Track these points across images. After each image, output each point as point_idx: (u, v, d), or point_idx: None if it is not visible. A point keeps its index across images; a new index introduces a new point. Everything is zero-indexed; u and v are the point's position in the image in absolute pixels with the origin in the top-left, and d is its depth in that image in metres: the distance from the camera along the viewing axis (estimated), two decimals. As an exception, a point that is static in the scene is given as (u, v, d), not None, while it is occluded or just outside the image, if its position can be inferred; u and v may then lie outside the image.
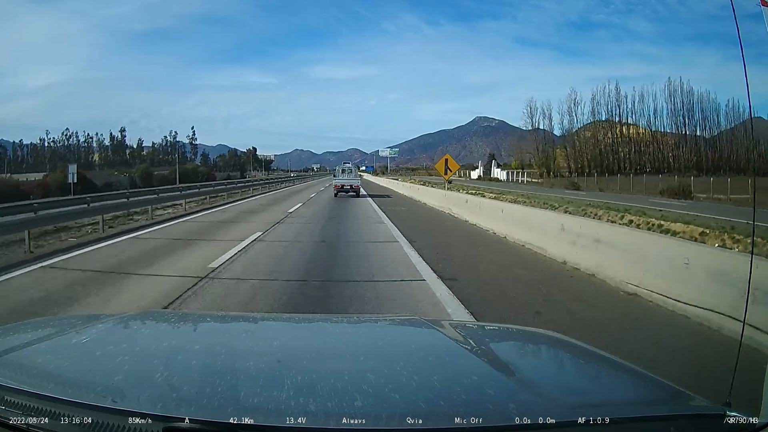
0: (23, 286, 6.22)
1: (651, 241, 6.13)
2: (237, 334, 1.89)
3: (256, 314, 4.31)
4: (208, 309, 5.05)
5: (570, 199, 27.16)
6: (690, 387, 1.29)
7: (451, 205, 16.42)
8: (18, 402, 1.10)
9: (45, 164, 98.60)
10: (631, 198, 31.24)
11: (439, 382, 1.29)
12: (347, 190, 25.32)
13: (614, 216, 16.13)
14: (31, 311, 4.92)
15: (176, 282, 6.33)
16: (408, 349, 1.67)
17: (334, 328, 2.03)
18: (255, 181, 41.20)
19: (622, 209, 18.85)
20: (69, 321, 2.10)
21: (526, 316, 4.85)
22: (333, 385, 1.23)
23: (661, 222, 13.71)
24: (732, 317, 4.05)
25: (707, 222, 13.81)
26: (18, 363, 1.36)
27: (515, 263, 7.82)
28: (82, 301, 5.48)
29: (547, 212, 11.54)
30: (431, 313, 4.88)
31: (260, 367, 1.39)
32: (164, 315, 2.80)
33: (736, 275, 4.15)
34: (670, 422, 1.09)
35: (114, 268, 7.39)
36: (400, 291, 5.98)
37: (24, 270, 7.16)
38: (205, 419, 0.99)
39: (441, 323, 1.97)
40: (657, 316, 4.90)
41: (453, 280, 6.38)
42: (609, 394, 1.34)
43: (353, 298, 5.61)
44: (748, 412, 1.12)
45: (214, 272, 6.88)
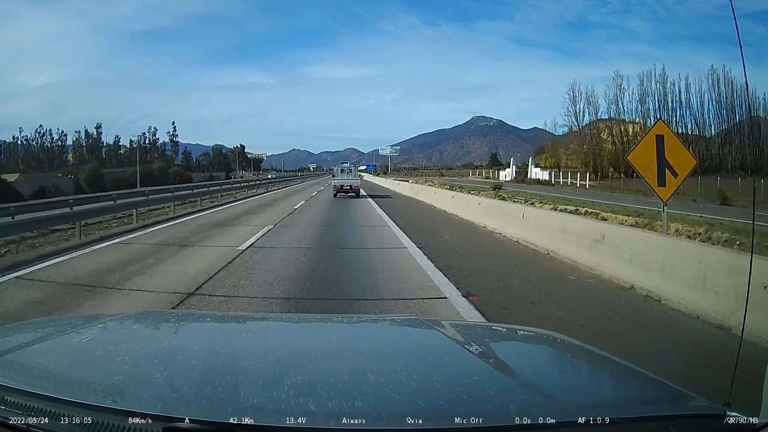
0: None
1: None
2: (237, 334, 1.89)
3: (256, 314, 4.31)
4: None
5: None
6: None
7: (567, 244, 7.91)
8: (18, 402, 1.09)
9: (18, 164, 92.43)
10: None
11: (439, 382, 1.29)
12: (347, 191, 25.02)
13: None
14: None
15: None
16: (408, 349, 1.67)
17: (334, 328, 2.03)
18: (236, 183, 36.78)
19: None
20: (69, 321, 2.10)
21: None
22: (333, 385, 1.23)
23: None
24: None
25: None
26: (18, 363, 1.36)
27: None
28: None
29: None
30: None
31: (260, 367, 1.39)
32: (164, 315, 2.79)
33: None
34: (670, 422, 1.09)
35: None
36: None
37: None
38: (205, 419, 0.99)
39: (441, 323, 1.97)
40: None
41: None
42: (609, 394, 1.34)
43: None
44: (748, 412, 1.12)
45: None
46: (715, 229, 13.18)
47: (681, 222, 14.56)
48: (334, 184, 25.69)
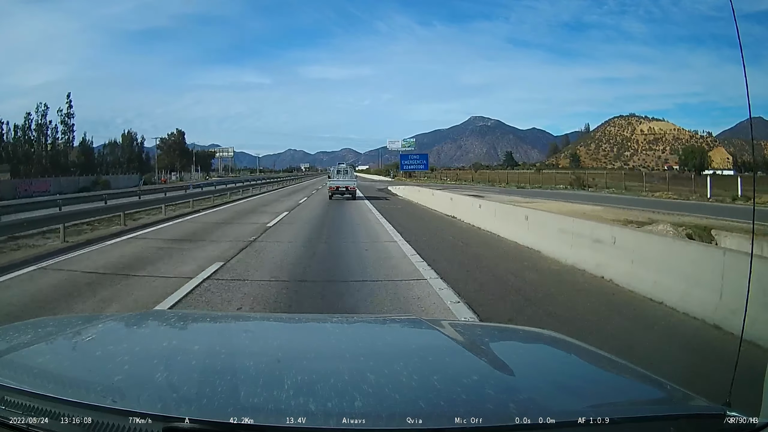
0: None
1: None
2: (237, 334, 1.89)
3: (256, 314, 4.31)
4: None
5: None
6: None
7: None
8: (18, 402, 1.09)
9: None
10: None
11: (439, 382, 1.29)
12: (342, 192, 25.21)
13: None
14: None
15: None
16: (408, 349, 1.67)
17: (334, 328, 2.03)
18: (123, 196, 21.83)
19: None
20: (69, 321, 2.10)
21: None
22: (333, 385, 1.22)
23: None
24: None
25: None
26: (18, 363, 1.36)
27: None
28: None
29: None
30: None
31: (260, 367, 1.38)
32: (164, 315, 2.79)
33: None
34: (670, 422, 1.09)
35: None
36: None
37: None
38: (205, 419, 0.99)
39: (441, 323, 1.97)
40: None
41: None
42: (609, 394, 1.34)
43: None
44: (748, 412, 1.12)
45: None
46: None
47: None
48: (330, 186, 25.82)
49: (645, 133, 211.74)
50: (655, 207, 22.95)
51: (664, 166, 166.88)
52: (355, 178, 27.07)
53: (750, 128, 57.72)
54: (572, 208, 19.36)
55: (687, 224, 15.29)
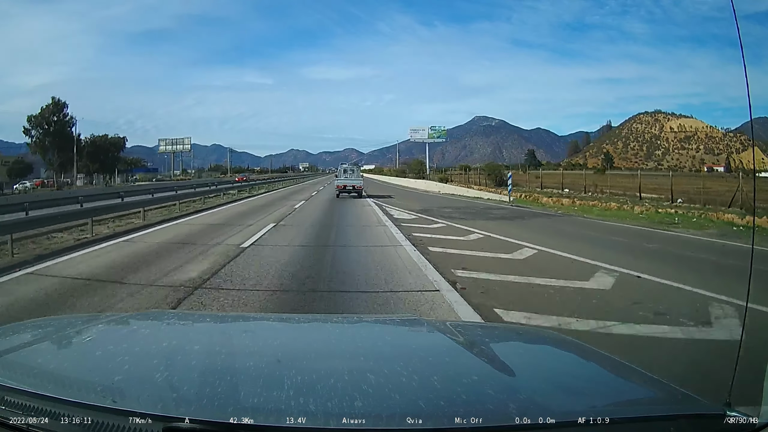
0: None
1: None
2: (237, 334, 1.89)
3: (256, 314, 4.31)
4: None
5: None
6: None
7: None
8: (18, 402, 1.09)
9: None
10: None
11: (439, 382, 1.28)
12: (349, 191, 26.53)
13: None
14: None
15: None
16: (408, 349, 1.67)
17: (334, 328, 2.03)
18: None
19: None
20: (69, 321, 2.10)
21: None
22: (333, 385, 1.22)
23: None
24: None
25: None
26: (18, 363, 1.36)
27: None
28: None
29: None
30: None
31: (260, 367, 1.38)
32: (164, 315, 2.79)
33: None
34: (670, 422, 1.09)
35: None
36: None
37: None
38: (205, 419, 0.99)
39: (441, 323, 1.97)
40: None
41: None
42: (609, 394, 1.34)
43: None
44: (748, 412, 1.12)
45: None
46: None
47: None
48: (337, 185, 27.57)
49: (675, 131, 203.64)
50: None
51: (703, 168, 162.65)
52: (361, 177, 28.59)
53: (751, 128, 57.50)
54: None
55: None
